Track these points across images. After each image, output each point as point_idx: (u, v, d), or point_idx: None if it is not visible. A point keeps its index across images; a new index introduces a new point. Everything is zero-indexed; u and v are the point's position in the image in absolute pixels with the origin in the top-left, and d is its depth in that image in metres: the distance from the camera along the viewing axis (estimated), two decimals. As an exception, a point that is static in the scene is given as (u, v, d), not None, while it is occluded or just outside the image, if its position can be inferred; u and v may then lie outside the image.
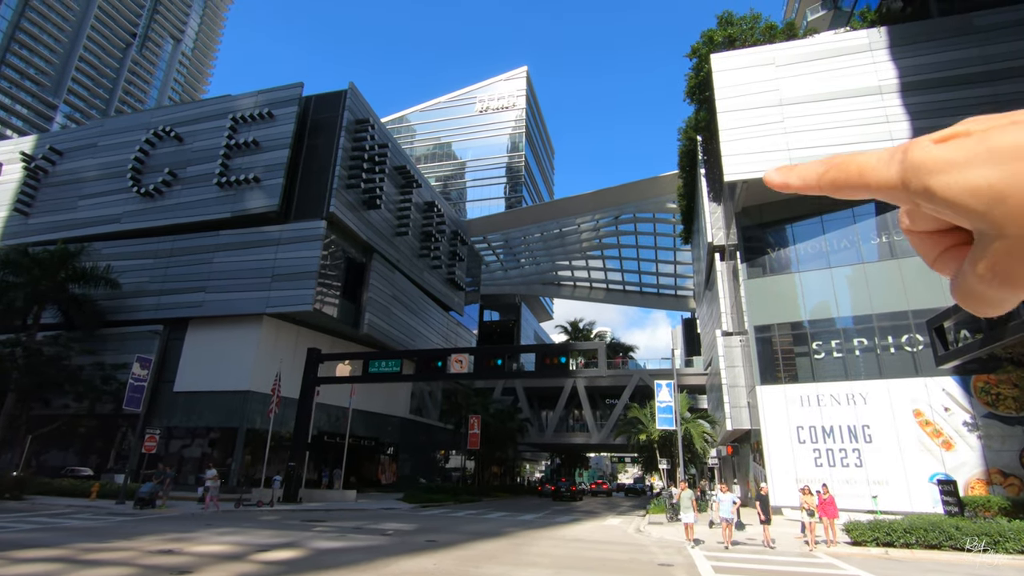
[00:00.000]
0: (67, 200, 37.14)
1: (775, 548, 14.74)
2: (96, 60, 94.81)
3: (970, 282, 0.48)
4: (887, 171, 0.49)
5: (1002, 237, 0.43)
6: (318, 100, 34.79)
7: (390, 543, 13.59)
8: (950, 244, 0.54)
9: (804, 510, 15.20)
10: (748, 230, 27.04)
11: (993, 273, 0.46)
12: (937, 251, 0.55)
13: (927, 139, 0.47)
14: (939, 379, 20.88)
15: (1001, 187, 0.41)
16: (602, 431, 47.59)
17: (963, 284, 0.49)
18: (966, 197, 0.43)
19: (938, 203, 0.45)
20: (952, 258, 0.53)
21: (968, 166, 0.43)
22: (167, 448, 29.68)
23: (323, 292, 30.87)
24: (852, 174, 0.51)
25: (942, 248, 0.54)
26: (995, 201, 0.42)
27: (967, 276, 0.48)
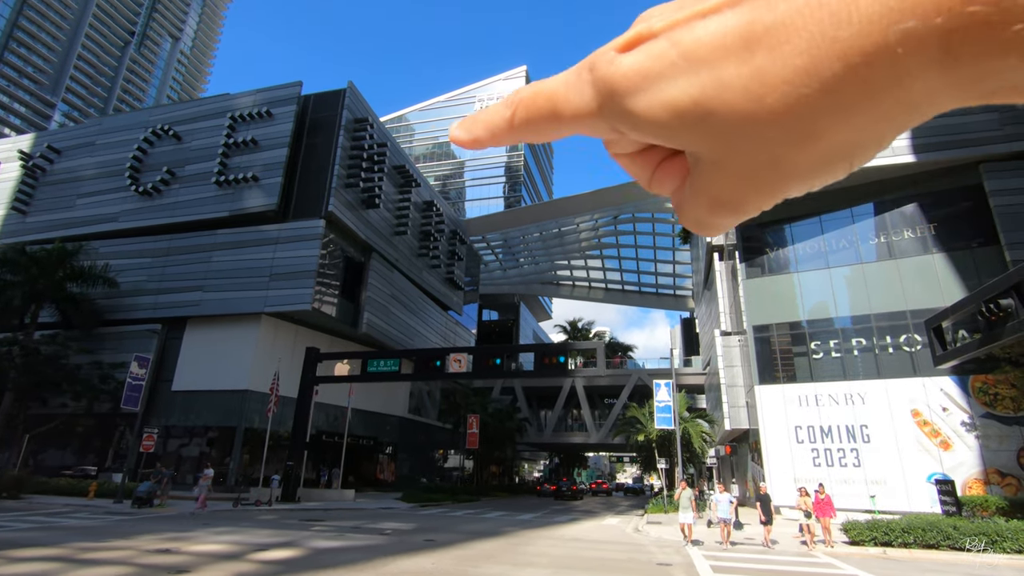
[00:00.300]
0: (65, 199, 37.05)
1: (774, 548, 14.76)
2: (94, 58, 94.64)
3: (694, 211, 0.41)
4: (579, 98, 0.40)
5: (714, 158, 0.36)
6: (317, 99, 34.75)
7: (388, 542, 13.58)
8: (662, 158, 0.46)
9: (801, 511, 15.15)
10: (747, 230, 27.05)
11: (713, 200, 0.39)
12: (650, 170, 0.46)
13: (612, 46, 0.38)
14: (937, 379, 20.91)
15: (705, 101, 0.34)
16: (601, 431, 47.61)
17: (687, 211, 0.42)
18: (670, 118, 0.35)
19: (643, 129, 0.38)
20: (668, 175, 0.45)
21: (664, 78, 0.35)
22: (165, 447, 29.63)
23: (322, 291, 30.83)
24: (543, 109, 0.42)
25: (655, 165, 0.46)
26: (701, 116, 0.34)
27: (690, 204, 0.41)
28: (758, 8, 0.32)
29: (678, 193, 0.43)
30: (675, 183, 0.44)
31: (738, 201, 0.38)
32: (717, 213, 0.40)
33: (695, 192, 0.40)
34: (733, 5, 0.33)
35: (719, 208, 0.39)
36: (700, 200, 0.40)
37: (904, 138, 22.64)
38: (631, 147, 0.46)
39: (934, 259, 22.48)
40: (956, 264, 22.05)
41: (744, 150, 0.34)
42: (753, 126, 0.33)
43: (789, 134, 0.32)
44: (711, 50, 0.33)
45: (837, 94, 0.30)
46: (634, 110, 0.36)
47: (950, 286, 21.60)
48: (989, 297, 12.37)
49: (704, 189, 0.39)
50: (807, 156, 0.33)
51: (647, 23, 0.37)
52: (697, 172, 0.39)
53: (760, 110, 0.32)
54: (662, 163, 0.46)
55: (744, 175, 0.36)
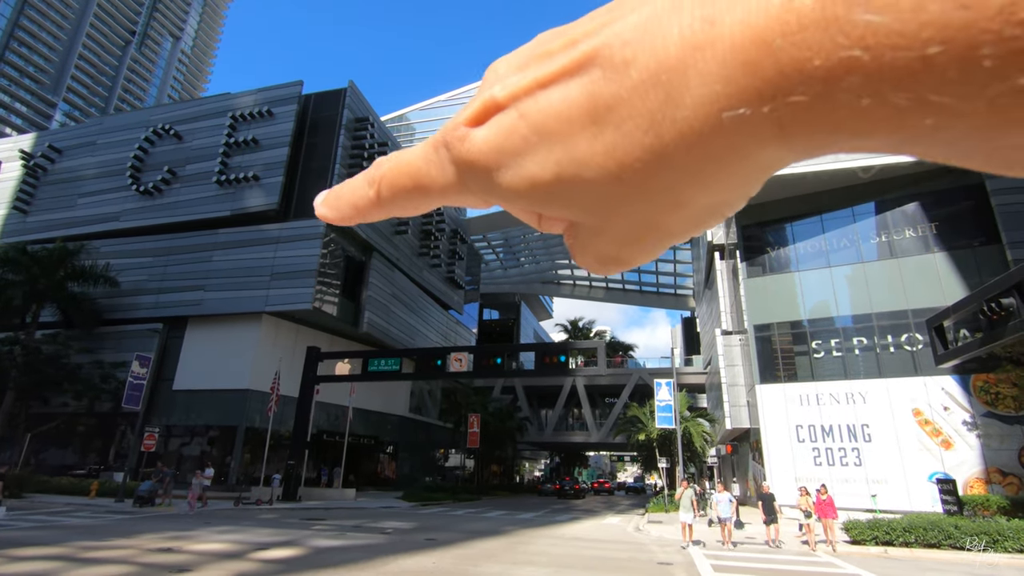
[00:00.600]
0: (66, 198, 37.09)
1: (779, 548, 14.69)
2: (95, 58, 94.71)
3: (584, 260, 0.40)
4: (441, 175, 0.38)
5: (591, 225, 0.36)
6: (318, 98, 34.74)
7: (389, 541, 13.59)
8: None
9: (801, 511, 15.04)
10: (748, 229, 27.03)
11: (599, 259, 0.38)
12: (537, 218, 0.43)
13: (462, 121, 0.35)
14: (938, 378, 20.89)
15: (565, 177, 0.32)
16: (601, 430, 47.62)
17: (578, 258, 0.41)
18: (535, 193, 0.34)
19: (512, 203, 0.36)
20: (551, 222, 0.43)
21: (519, 154, 0.33)
22: (166, 446, 29.67)
23: (322, 291, 30.84)
24: (407, 187, 0.40)
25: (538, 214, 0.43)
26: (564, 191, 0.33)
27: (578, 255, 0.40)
28: (597, 81, 0.30)
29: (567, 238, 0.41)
30: (563, 227, 0.42)
31: (623, 258, 0.38)
32: (606, 265, 0.39)
33: (580, 248, 0.39)
34: (573, 73, 0.31)
35: (606, 262, 0.39)
36: (586, 255, 0.39)
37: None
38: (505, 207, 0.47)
39: (935, 258, 22.44)
40: (957, 263, 22.02)
41: (616, 219, 0.34)
42: (618, 200, 0.32)
43: (655, 205, 0.32)
44: (559, 124, 0.31)
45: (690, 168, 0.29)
46: (498, 186, 0.35)
47: (951, 285, 21.57)
48: (990, 296, 12.36)
49: (587, 247, 0.38)
50: (678, 219, 0.33)
51: (491, 90, 0.34)
52: (578, 235, 0.38)
53: (620, 186, 0.31)
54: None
55: (622, 239, 0.35)
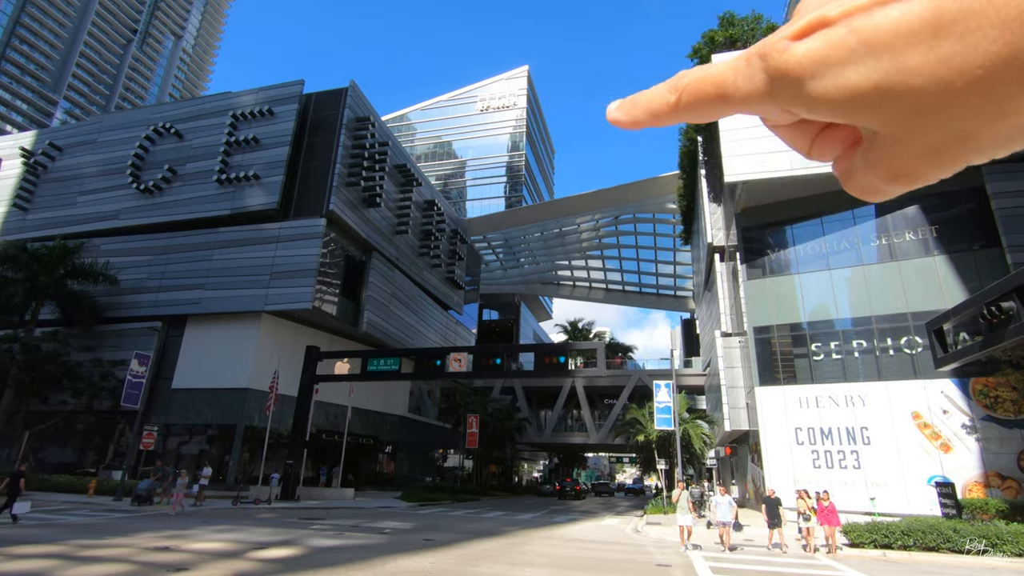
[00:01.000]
0: (66, 196, 37.08)
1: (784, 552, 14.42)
2: (96, 56, 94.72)
3: (866, 179, 0.43)
4: (749, 84, 0.42)
5: (896, 136, 0.37)
6: (319, 98, 34.76)
7: (388, 541, 13.58)
8: (820, 129, 0.47)
9: (800, 514, 14.74)
10: (748, 231, 27.03)
11: (892, 173, 0.40)
12: (810, 139, 0.48)
13: (783, 36, 0.39)
14: (938, 381, 20.89)
15: (887, 86, 0.35)
16: (600, 431, 47.60)
17: (858, 180, 0.44)
18: (849, 101, 0.37)
19: (818, 111, 0.39)
20: (829, 143, 0.47)
21: (844, 65, 0.36)
22: (165, 445, 29.65)
23: (322, 290, 30.83)
24: (710, 94, 0.44)
25: (815, 135, 0.48)
26: (882, 99, 0.35)
27: (861, 174, 0.43)
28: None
29: (844, 162, 0.45)
30: (837, 151, 0.46)
31: (918, 174, 0.39)
32: (893, 184, 0.41)
33: (871, 164, 0.41)
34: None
35: (896, 179, 0.40)
36: (876, 172, 0.41)
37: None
38: (792, 119, 0.47)
39: (935, 261, 22.44)
40: (957, 266, 22.02)
41: (928, 129, 0.35)
42: (939, 109, 0.33)
43: (979, 114, 0.32)
44: (894, 37, 0.34)
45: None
46: (810, 94, 0.38)
47: (951, 288, 21.57)
48: (990, 300, 12.36)
49: (881, 162, 0.40)
50: (999, 130, 0.33)
51: (820, 11, 0.38)
52: (874, 146, 0.40)
53: (948, 94, 0.32)
54: (823, 132, 0.47)
55: (927, 151, 0.36)
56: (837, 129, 0.46)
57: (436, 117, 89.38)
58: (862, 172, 0.43)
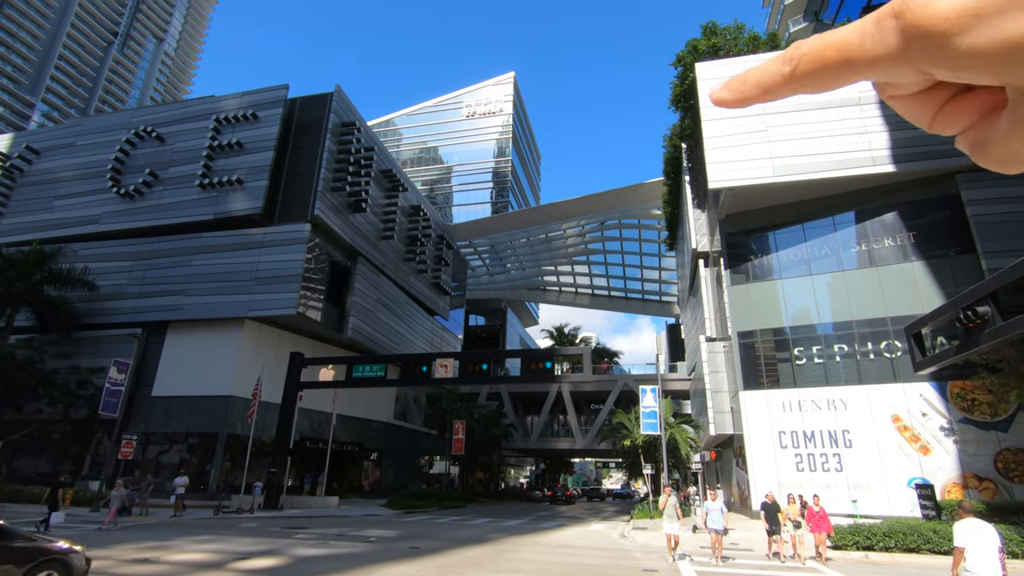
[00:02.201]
0: (43, 200, 36.34)
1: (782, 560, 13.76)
2: (76, 58, 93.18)
3: (1010, 145, 0.40)
4: (880, 45, 0.39)
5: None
6: (304, 102, 34.55)
7: (373, 550, 13.44)
8: (948, 97, 0.44)
9: (789, 520, 14.13)
10: (732, 237, 27.36)
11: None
12: (935, 109, 0.44)
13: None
14: (917, 385, 21.27)
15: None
16: (587, 436, 47.65)
17: (998, 148, 0.40)
18: (1006, 55, 0.33)
19: (965, 70, 0.36)
20: (960, 112, 0.43)
21: (997, 15, 0.33)
22: (144, 454, 29.06)
23: (307, 296, 30.54)
24: (832, 60, 0.41)
25: (939, 105, 0.44)
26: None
27: (1004, 139, 0.39)
28: None
29: (978, 130, 0.41)
30: (969, 120, 0.42)
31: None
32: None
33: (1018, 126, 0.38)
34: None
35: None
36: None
37: (884, 148, 23.09)
38: (915, 88, 0.43)
39: (913, 267, 22.91)
40: (935, 272, 22.50)
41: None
42: None
43: None
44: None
45: None
46: (958, 50, 0.35)
47: (929, 293, 22.02)
48: (967, 304, 12.63)
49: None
50: None
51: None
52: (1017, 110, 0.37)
53: None
54: (951, 100, 0.44)
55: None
56: (971, 95, 0.42)
57: (422, 122, 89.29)
58: (1006, 137, 0.39)
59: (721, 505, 13.64)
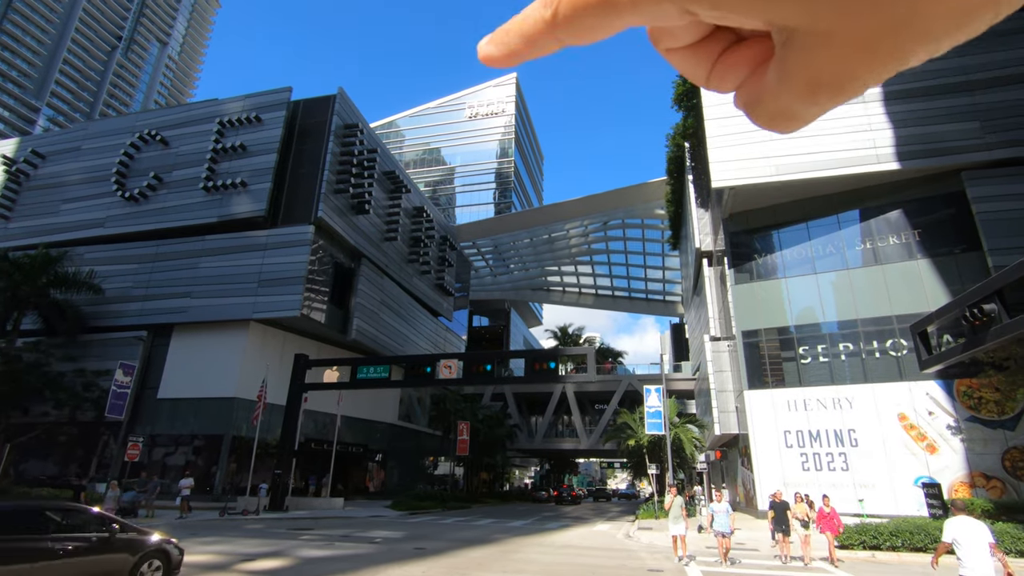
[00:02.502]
0: (49, 204, 36.57)
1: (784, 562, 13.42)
2: (80, 63, 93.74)
3: (780, 100, 0.36)
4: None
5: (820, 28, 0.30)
6: (307, 105, 34.65)
7: (378, 551, 13.45)
8: (724, 48, 0.41)
9: (798, 519, 13.74)
10: (735, 236, 27.29)
11: (813, 82, 0.33)
12: (710, 63, 0.41)
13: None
14: (923, 383, 21.16)
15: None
16: (591, 436, 47.59)
17: (769, 104, 0.37)
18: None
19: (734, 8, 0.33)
20: (733, 66, 0.40)
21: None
22: (150, 456, 29.18)
23: (311, 297, 30.62)
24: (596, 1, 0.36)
25: (715, 57, 0.41)
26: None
27: (775, 93, 0.36)
28: None
29: (750, 86, 0.38)
30: (742, 74, 0.39)
31: (846, 78, 0.32)
32: (815, 97, 0.34)
33: (786, 76, 0.34)
34: None
35: (819, 91, 0.33)
36: (793, 85, 0.34)
37: (888, 145, 23.00)
38: (687, 38, 0.40)
39: (918, 265, 22.80)
40: (940, 269, 22.38)
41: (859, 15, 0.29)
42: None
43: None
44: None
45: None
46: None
47: (934, 291, 21.91)
48: (972, 302, 12.56)
49: (801, 70, 0.33)
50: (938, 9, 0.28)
51: None
52: (792, 50, 0.33)
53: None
54: (724, 53, 0.41)
55: (860, 44, 0.30)
56: (743, 46, 0.40)
57: (424, 124, 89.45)
58: (775, 91, 0.36)
59: (727, 506, 13.29)
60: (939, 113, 22.81)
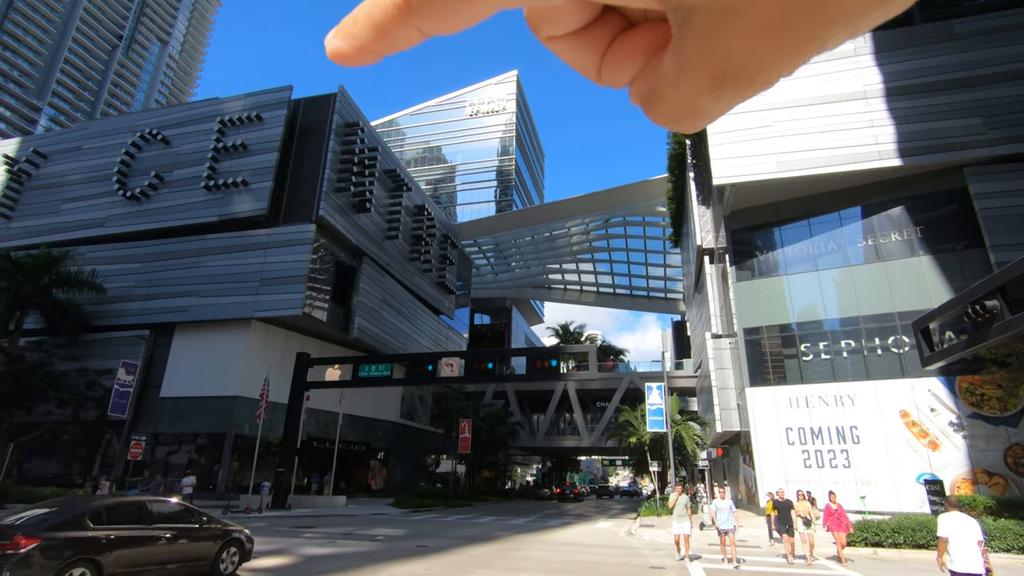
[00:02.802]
0: (51, 204, 36.63)
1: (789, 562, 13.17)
2: (81, 62, 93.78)
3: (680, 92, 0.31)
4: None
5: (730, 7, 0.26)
6: (307, 103, 34.65)
7: (380, 549, 13.49)
8: (610, 38, 0.36)
9: (800, 517, 13.57)
10: (737, 233, 27.24)
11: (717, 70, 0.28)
12: (600, 52, 0.36)
13: None
14: (925, 380, 21.12)
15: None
16: (593, 434, 47.61)
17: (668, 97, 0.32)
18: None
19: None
20: (626, 55, 0.35)
21: None
22: (153, 455, 29.26)
23: (312, 296, 30.65)
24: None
25: (605, 45, 0.36)
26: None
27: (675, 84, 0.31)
28: None
29: (646, 77, 0.33)
30: (636, 64, 0.34)
31: (755, 66, 0.28)
32: (719, 90, 0.29)
33: (687, 64, 0.29)
34: None
35: (723, 81, 0.29)
36: (695, 73, 0.29)
37: (890, 142, 22.92)
38: (570, 24, 0.35)
39: (920, 261, 22.74)
40: (942, 266, 22.33)
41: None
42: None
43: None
44: None
45: None
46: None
47: (937, 288, 21.85)
48: (975, 299, 12.54)
49: (703, 56, 0.28)
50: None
51: None
52: (691, 34, 0.28)
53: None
54: (615, 42, 0.36)
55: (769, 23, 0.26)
56: (636, 32, 0.35)
57: (425, 122, 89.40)
58: (674, 82, 0.31)
59: (730, 503, 13.17)
60: (941, 109, 22.72)
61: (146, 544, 8.23)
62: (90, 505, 8.12)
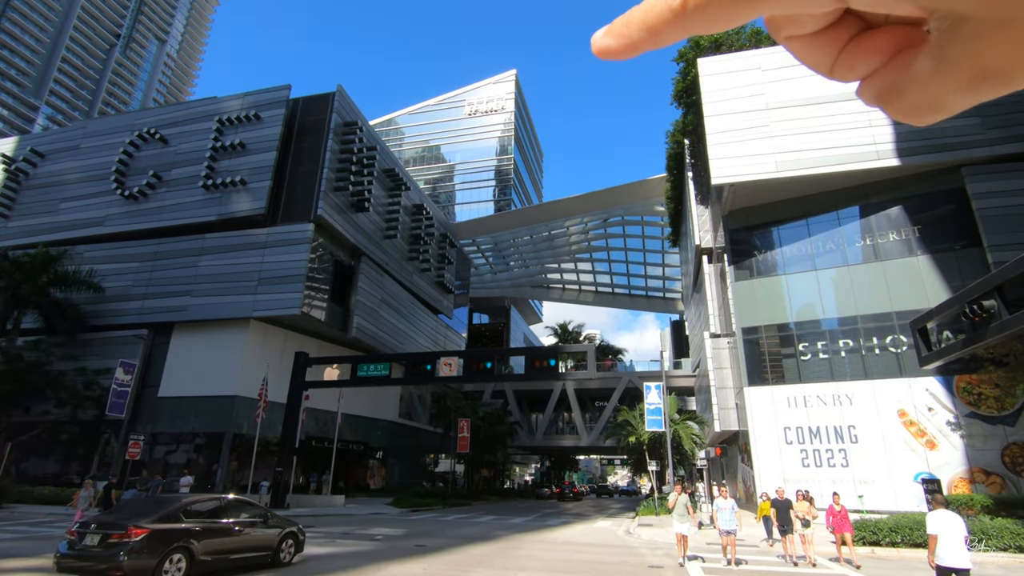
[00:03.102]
0: (49, 203, 36.53)
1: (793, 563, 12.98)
2: (79, 61, 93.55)
3: (931, 89, 0.33)
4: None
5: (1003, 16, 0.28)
6: (306, 102, 34.59)
7: (379, 548, 13.49)
8: (848, 37, 0.38)
9: (799, 518, 13.37)
10: (735, 233, 27.28)
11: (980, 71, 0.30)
12: (836, 51, 0.38)
13: None
14: (923, 379, 21.18)
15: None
16: (592, 433, 47.66)
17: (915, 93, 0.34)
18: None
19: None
20: (864, 53, 0.37)
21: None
22: (151, 454, 29.22)
23: (311, 295, 30.62)
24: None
25: (840, 46, 0.38)
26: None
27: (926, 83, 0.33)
28: None
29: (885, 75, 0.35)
30: (874, 63, 0.36)
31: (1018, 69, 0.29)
32: (976, 89, 0.31)
33: (946, 65, 0.31)
34: None
35: (982, 82, 0.30)
36: (955, 74, 0.31)
37: (888, 141, 22.97)
38: (813, 25, 0.37)
39: (918, 261, 22.80)
40: (940, 266, 22.39)
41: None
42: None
43: None
44: None
45: None
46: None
47: (934, 287, 21.92)
48: (972, 298, 12.58)
49: (967, 58, 0.30)
50: None
51: None
52: (957, 39, 0.30)
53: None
54: (853, 41, 0.38)
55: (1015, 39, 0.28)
56: (878, 33, 0.37)
57: (424, 121, 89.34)
58: (926, 80, 0.33)
59: (732, 503, 12.93)
60: (938, 109, 22.72)
61: (224, 535, 9.82)
62: (182, 502, 9.68)
